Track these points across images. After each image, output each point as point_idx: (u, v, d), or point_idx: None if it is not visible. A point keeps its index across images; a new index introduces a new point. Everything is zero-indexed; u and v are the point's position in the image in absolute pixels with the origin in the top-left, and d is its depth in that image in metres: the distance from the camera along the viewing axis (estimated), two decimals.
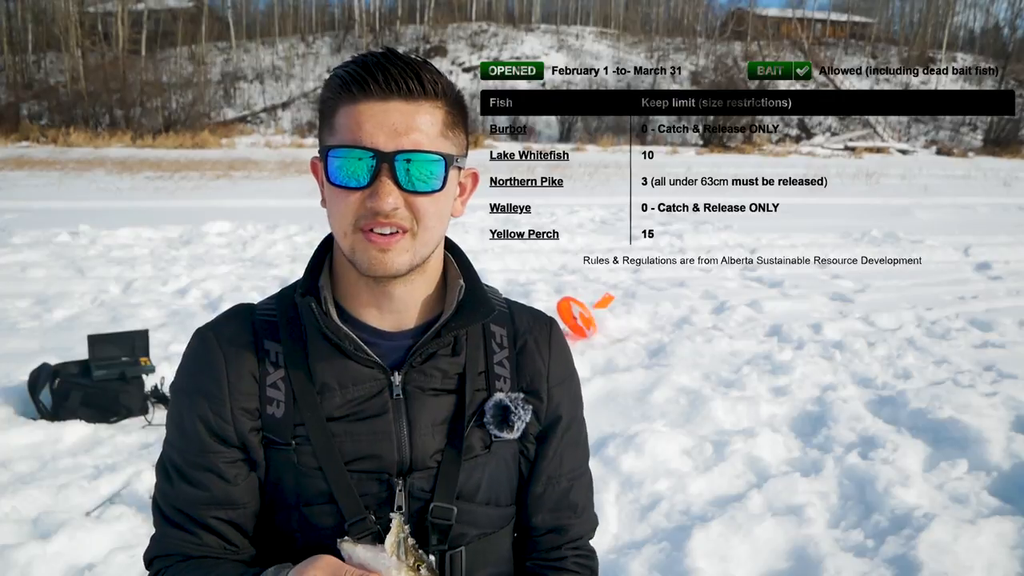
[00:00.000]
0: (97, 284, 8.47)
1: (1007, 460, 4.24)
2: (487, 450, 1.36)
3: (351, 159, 1.18)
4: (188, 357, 1.34)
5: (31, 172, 22.64)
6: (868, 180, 25.63)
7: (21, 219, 13.00)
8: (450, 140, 1.24)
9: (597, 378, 5.58)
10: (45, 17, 50.17)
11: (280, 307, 1.34)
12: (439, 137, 1.22)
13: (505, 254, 10.57)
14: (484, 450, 1.36)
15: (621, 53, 63.20)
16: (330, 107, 1.23)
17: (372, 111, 1.17)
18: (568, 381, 1.47)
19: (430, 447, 1.32)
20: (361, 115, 1.18)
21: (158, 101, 46.16)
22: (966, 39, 72.10)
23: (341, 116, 1.20)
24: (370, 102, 1.18)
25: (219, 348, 1.30)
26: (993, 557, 3.33)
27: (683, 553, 3.32)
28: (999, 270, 10.20)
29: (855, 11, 73.72)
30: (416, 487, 1.31)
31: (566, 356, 1.48)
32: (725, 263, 10.41)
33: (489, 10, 68.14)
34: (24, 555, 3.18)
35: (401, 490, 1.30)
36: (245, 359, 1.30)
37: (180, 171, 23.77)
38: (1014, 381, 5.56)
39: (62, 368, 5.04)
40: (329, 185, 1.22)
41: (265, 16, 65.58)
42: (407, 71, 1.18)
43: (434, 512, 1.31)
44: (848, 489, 4.01)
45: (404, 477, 1.31)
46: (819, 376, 5.72)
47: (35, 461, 4.26)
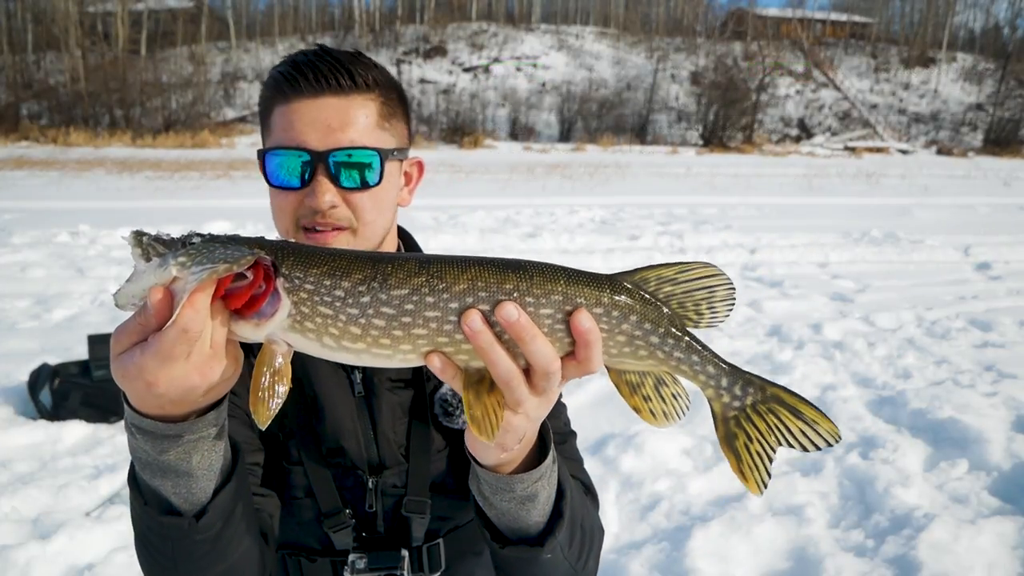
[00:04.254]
0: (97, 284, 8.46)
1: (1007, 460, 4.24)
2: (449, 441, 1.37)
3: (286, 160, 1.19)
4: None
5: (31, 172, 22.65)
6: (868, 180, 25.63)
7: (21, 219, 13.00)
8: (387, 131, 1.25)
9: (597, 378, 5.58)
10: (45, 17, 50.17)
11: None
12: (375, 129, 1.22)
13: (505, 254, 10.56)
14: (445, 441, 1.36)
15: (621, 53, 63.19)
16: (266, 108, 1.25)
17: (304, 109, 1.18)
18: None
19: (395, 443, 1.33)
20: (294, 114, 1.19)
21: (158, 101, 46.22)
22: (966, 39, 72.12)
23: (276, 116, 1.21)
24: (302, 100, 1.19)
25: None
26: (993, 557, 3.33)
27: (683, 553, 3.32)
28: (999, 270, 10.19)
29: (855, 11, 73.79)
30: (387, 483, 1.32)
31: None
32: (725, 263, 10.41)
33: (489, 10, 68.17)
34: (24, 555, 3.18)
35: (372, 489, 1.32)
36: None
37: (180, 171, 23.78)
38: (1014, 381, 5.55)
39: (62, 368, 5.03)
40: (269, 186, 1.23)
41: (265, 16, 65.67)
42: (337, 66, 1.19)
43: (408, 506, 1.32)
44: (848, 489, 4.01)
45: (376, 474, 1.32)
46: (819, 376, 5.71)
47: (35, 461, 4.26)
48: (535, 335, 0.85)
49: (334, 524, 1.29)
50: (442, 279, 0.85)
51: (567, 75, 58.72)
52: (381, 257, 0.88)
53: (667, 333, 0.91)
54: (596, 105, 54.49)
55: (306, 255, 0.87)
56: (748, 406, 0.95)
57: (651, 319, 0.91)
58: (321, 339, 0.86)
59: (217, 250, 0.83)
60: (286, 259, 0.86)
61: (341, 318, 0.85)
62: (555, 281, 0.87)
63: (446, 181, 21.96)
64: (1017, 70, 58.07)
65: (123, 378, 0.86)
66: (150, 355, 0.82)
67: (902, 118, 58.44)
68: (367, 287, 0.85)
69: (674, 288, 0.92)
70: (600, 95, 56.07)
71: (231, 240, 0.85)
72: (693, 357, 0.93)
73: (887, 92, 61.38)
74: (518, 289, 0.85)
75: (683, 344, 0.92)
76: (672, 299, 0.92)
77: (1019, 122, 53.73)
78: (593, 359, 0.88)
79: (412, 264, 0.86)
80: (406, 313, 0.85)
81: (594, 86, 57.42)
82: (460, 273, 0.85)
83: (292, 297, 0.85)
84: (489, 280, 0.85)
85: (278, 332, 0.86)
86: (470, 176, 24.06)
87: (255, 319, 0.85)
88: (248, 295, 0.84)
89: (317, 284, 0.85)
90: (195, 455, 0.94)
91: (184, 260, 0.82)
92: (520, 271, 0.86)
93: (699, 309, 0.93)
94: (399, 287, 0.85)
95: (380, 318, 0.85)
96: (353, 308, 0.85)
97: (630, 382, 0.95)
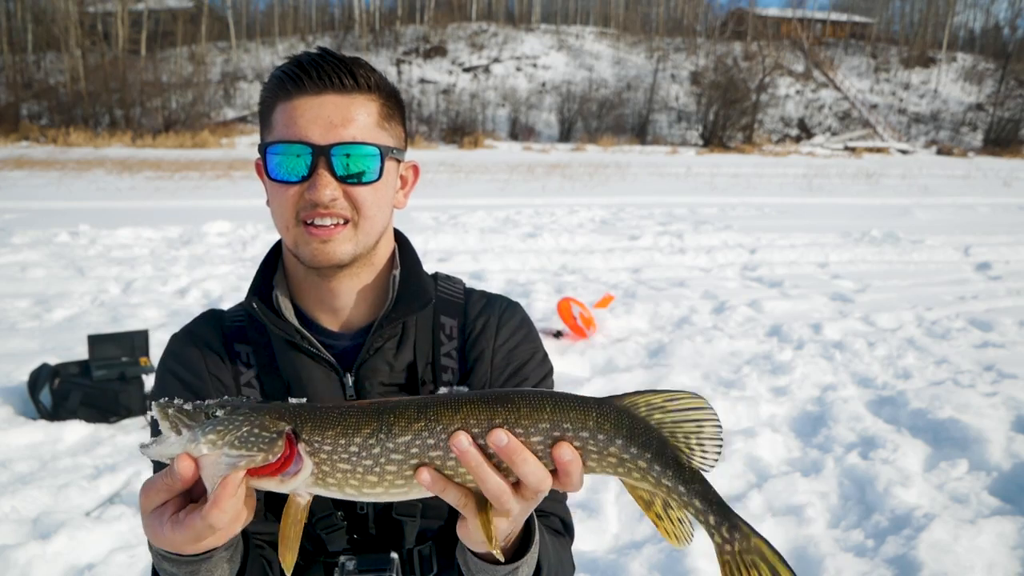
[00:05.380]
0: (97, 284, 8.47)
1: (1007, 460, 4.24)
2: None
3: (289, 154, 1.20)
4: (166, 358, 1.35)
5: (31, 172, 22.66)
6: (868, 180, 25.64)
7: (21, 219, 13.01)
8: (387, 132, 1.26)
9: (597, 378, 5.58)
10: (45, 17, 50.18)
11: (247, 311, 1.35)
12: (375, 128, 1.24)
13: (505, 254, 10.57)
14: None
15: (621, 53, 63.19)
16: (268, 106, 1.25)
17: (307, 106, 1.19)
18: (517, 350, 1.41)
19: None
20: (296, 110, 1.20)
21: (158, 101, 46.23)
22: (966, 39, 72.14)
23: (278, 113, 1.22)
24: (305, 97, 1.20)
25: (195, 347, 1.33)
26: (993, 557, 3.33)
27: (683, 553, 3.32)
28: (999, 270, 10.20)
29: (855, 11, 73.81)
30: None
31: (520, 334, 1.42)
32: (725, 263, 10.42)
33: (489, 10, 68.17)
34: (24, 555, 3.18)
35: None
36: (220, 358, 1.33)
37: (180, 171, 23.79)
38: (1014, 381, 5.55)
39: (62, 368, 5.03)
40: (270, 181, 1.23)
41: (265, 16, 65.68)
42: (340, 67, 1.21)
43: (398, 508, 1.32)
44: (848, 489, 4.01)
45: None
46: (819, 376, 5.72)
47: (35, 461, 4.26)
48: (526, 457, 0.91)
49: (326, 526, 1.30)
50: (439, 421, 0.93)
51: (567, 75, 58.72)
52: (383, 407, 0.96)
53: (654, 459, 0.93)
54: (596, 105, 54.51)
55: (321, 418, 0.96)
56: (738, 552, 0.94)
57: (639, 444, 0.93)
58: (343, 489, 0.96)
59: (243, 427, 0.92)
60: (304, 425, 0.95)
61: (359, 470, 0.95)
62: (541, 410, 0.92)
63: (446, 181, 21.97)
64: (1017, 70, 58.08)
65: (155, 538, 0.97)
66: (179, 534, 0.93)
67: (902, 118, 58.45)
68: (375, 439, 0.94)
69: (663, 416, 0.94)
70: (600, 95, 56.09)
71: (252, 411, 0.94)
72: (680, 488, 0.93)
73: (887, 92, 61.38)
74: (507, 422, 0.92)
75: (670, 473, 0.93)
76: (663, 427, 0.94)
77: (1019, 122, 53.74)
78: (575, 482, 0.94)
79: (412, 411, 0.94)
80: (413, 456, 0.94)
81: (594, 86, 57.43)
82: (454, 414, 0.93)
83: (314, 459, 0.94)
84: (480, 417, 0.92)
85: (301, 488, 0.96)
86: (470, 176, 24.07)
87: (280, 478, 0.94)
88: (273, 468, 0.93)
89: (334, 445, 0.94)
90: (216, 572, 1.07)
91: (214, 439, 0.91)
92: (508, 404, 0.93)
93: (689, 443, 0.94)
94: (402, 434, 0.94)
95: (391, 464, 0.95)
96: (367, 460, 0.95)
97: (643, 498, 0.97)
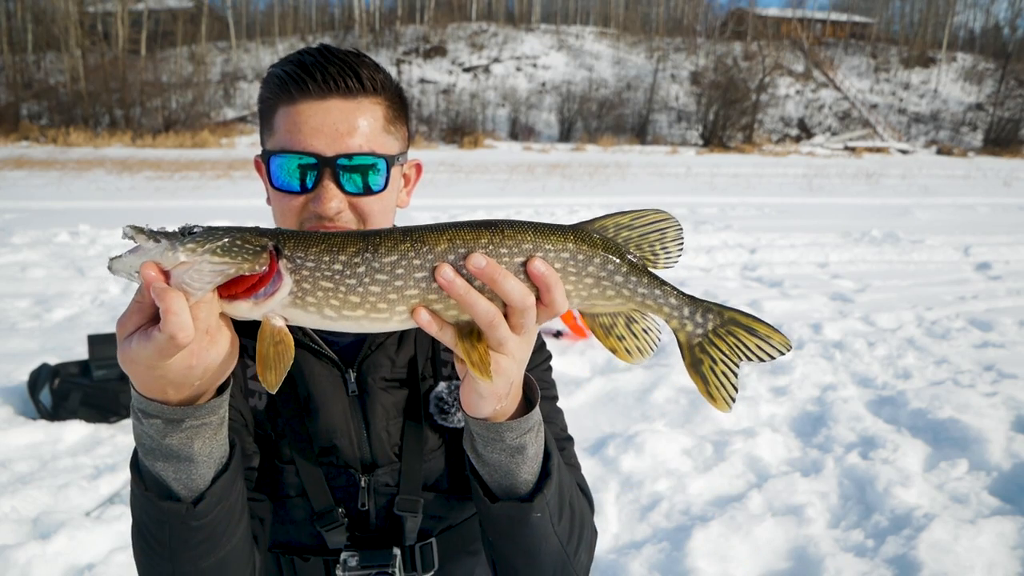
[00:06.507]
0: (97, 284, 8.46)
1: (1007, 460, 4.24)
2: (444, 439, 1.36)
3: (292, 164, 1.17)
4: None
5: (31, 172, 22.65)
6: (868, 180, 25.64)
7: (21, 219, 13.00)
8: (392, 135, 1.24)
9: (597, 378, 5.58)
10: (45, 17, 50.17)
11: None
12: (381, 134, 1.21)
13: None
14: (441, 440, 1.36)
15: (621, 53, 63.19)
16: (269, 107, 1.22)
17: (311, 111, 1.17)
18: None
19: (388, 442, 1.33)
20: (300, 116, 1.17)
21: (158, 101, 46.23)
22: (966, 39, 72.14)
23: (280, 117, 1.19)
24: (309, 102, 1.17)
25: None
26: (993, 557, 3.33)
27: (683, 553, 3.32)
28: (999, 270, 10.19)
29: (855, 11, 73.79)
30: (380, 482, 1.33)
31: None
32: (725, 263, 10.42)
33: (489, 10, 68.18)
34: (24, 555, 3.18)
35: (364, 487, 1.32)
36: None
37: (180, 171, 23.79)
38: (1014, 381, 5.55)
39: (62, 368, 5.03)
40: (273, 188, 1.21)
41: (265, 16, 65.69)
42: (345, 68, 1.18)
43: (400, 505, 1.32)
44: (848, 489, 4.01)
45: (369, 472, 1.32)
46: (819, 376, 5.71)
47: (35, 461, 4.26)
48: (505, 276, 0.92)
49: (327, 523, 1.29)
50: (424, 242, 0.93)
51: (567, 75, 58.72)
52: (369, 232, 0.96)
53: (629, 272, 1.00)
54: (596, 105, 54.51)
55: (303, 236, 0.94)
56: (710, 331, 1.05)
57: (613, 260, 0.99)
58: (322, 311, 0.93)
59: (224, 239, 0.89)
60: (287, 242, 0.92)
61: (341, 289, 0.93)
62: (524, 233, 0.96)
63: (446, 181, 21.96)
64: (1017, 70, 58.07)
65: (125, 362, 0.90)
66: (143, 347, 0.87)
67: (902, 118, 58.45)
68: (361, 258, 0.92)
69: (631, 233, 1.01)
70: (600, 95, 56.09)
71: (232, 228, 0.91)
72: (656, 291, 1.02)
73: (887, 92, 61.38)
74: (492, 243, 0.94)
75: (645, 280, 1.01)
76: (630, 243, 1.01)
77: (1019, 122, 53.74)
78: (557, 300, 0.95)
79: (398, 233, 0.94)
80: (398, 277, 0.93)
81: (594, 86, 57.41)
82: (440, 236, 0.94)
83: (294, 276, 0.92)
84: (466, 238, 0.94)
85: (276, 309, 0.92)
86: (470, 176, 24.06)
87: (252, 300, 0.90)
88: (251, 283, 0.89)
89: (317, 261, 0.92)
90: (196, 441, 0.97)
91: (194, 247, 0.87)
92: (493, 228, 0.95)
93: (654, 250, 1.02)
94: (388, 254, 0.93)
95: (375, 284, 0.93)
96: (351, 279, 0.93)
97: (603, 324, 1.03)
